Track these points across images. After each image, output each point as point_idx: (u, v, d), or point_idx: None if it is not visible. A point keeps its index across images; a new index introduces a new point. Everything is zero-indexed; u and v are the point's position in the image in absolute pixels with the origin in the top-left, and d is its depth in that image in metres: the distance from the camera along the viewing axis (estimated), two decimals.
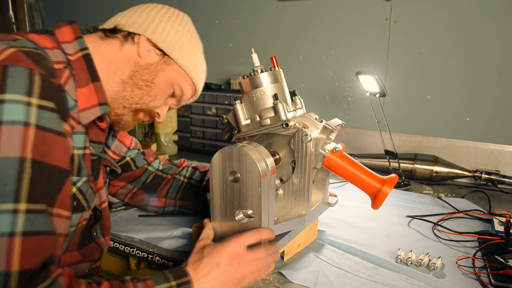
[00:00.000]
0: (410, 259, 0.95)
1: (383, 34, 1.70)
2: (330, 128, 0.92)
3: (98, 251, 0.93)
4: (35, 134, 0.64)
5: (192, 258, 0.80)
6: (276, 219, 0.92)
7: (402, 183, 1.54)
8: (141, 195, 1.19)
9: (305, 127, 0.92)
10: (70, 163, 0.74)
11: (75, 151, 0.79)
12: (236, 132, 1.01)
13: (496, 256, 0.93)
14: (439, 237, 1.10)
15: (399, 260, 0.96)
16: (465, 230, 1.12)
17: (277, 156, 0.96)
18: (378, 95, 1.48)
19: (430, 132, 1.68)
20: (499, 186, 1.51)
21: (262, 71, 0.95)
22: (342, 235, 1.10)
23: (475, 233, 1.09)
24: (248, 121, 0.98)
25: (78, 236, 0.85)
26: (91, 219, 0.89)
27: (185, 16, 0.94)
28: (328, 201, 1.08)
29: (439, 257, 0.95)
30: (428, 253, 0.97)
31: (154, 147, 1.78)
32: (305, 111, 1.03)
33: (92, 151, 0.85)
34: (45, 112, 0.66)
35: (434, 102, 1.67)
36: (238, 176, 0.83)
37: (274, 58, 0.98)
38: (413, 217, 1.23)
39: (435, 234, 1.12)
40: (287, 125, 0.90)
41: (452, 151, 1.63)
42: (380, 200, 0.89)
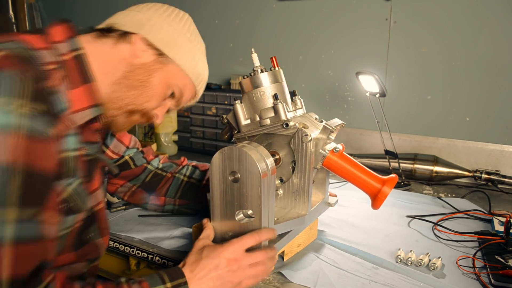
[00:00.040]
0: (410, 259, 0.95)
1: (383, 34, 1.70)
2: (330, 128, 0.92)
3: (95, 252, 0.91)
4: (21, 140, 0.62)
5: (190, 258, 0.80)
6: (276, 219, 0.92)
7: (402, 183, 1.54)
8: (140, 193, 1.18)
9: (305, 127, 0.92)
10: (58, 168, 0.72)
11: (67, 154, 0.77)
12: (236, 132, 1.01)
13: (496, 256, 0.93)
14: (439, 237, 1.10)
15: (399, 260, 0.96)
16: (465, 230, 1.12)
17: (277, 156, 0.96)
18: (378, 95, 1.48)
19: (430, 132, 1.68)
20: (499, 186, 1.51)
21: (262, 71, 0.95)
22: (342, 235, 1.10)
23: (475, 233, 1.09)
24: (248, 121, 0.98)
25: (73, 237, 0.84)
26: (87, 220, 0.87)
27: (185, 15, 0.90)
28: (328, 201, 1.08)
29: (439, 257, 0.95)
30: (428, 253, 0.97)
31: (154, 147, 1.78)
32: (305, 111, 1.03)
33: (86, 152, 0.83)
34: (31, 118, 0.64)
35: (434, 102, 1.67)
36: (238, 176, 0.83)
37: (274, 58, 0.98)
38: (413, 217, 1.23)
39: (435, 234, 1.12)
40: (287, 125, 0.90)
41: (452, 151, 1.63)
42: (380, 200, 0.89)
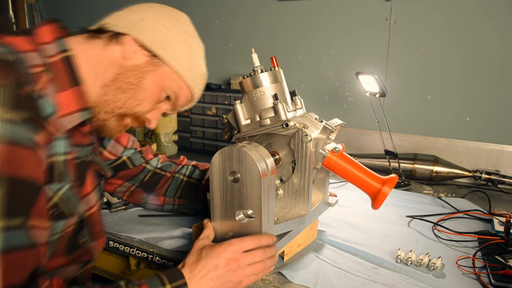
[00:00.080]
0: (410, 259, 0.95)
1: (383, 34, 1.70)
2: (330, 128, 0.92)
3: (88, 255, 0.90)
4: (4, 148, 0.61)
5: (189, 259, 0.80)
6: (276, 219, 0.92)
7: (402, 183, 1.54)
8: (139, 193, 1.18)
9: (305, 127, 0.92)
10: (46, 173, 0.71)
11: (56, 158, 0.75)
12: (236, 132, 1.01)
13: (496, 256, 0.93)
14: (439, 237, 1.10)
15: (399, 260, 0.96)
16: (465, 230, 1.12)
17: (277, 156, 0.95)
18: (378, 95, 1.48)
19: (430, 132, 1.68)
20: (499, 186, 1.51)
21: (262, 71, 0.95)
22: (342, 235, 1.10)
23: (475, 233, 1.09)
24: (248, 121, 0.98)
25: (65, 242, 0.82)
26: (78, 225, 0.85)
27: (182, 16, 0.87)
28: (328, 201, 1.08)
29: (439, 257, 0.95)
30: (428, 253, 0.97)
31: (154, 147, 1.78)
32: (305, 111, 1.03)
33: (76, 155, 0.81)
34: (12, 126, 0.62)
35: (434, 102, 1.67)
36: (238, 176, 0.83)
37: (274, 58, 0.98)
38: (413, 217, 1.23)
39: (435, 234, 1.12)
40: (287, 125, 0.90)
41: (452, 151, 1.63)
42: (380, 200, 0.89)
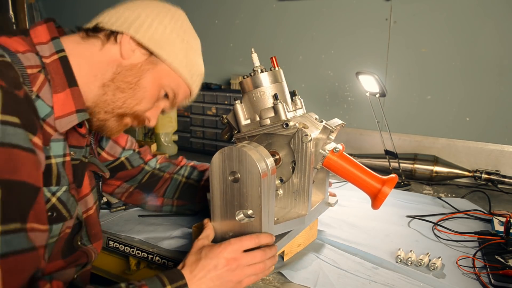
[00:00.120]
0: (410, 259, 0.95)
1: (383, 34, 1.70)
2: (330, 128, 0.92)
3: (85, 258, 0.89)
4: (1, 151, 0.60)
5: (189, 259, 0.80)
6: (276, 219, 0.92)
7: (402, 183, 1.54)
8: (138, 194, 1.18)
9: (305, 127, 0.92)
10: (43, 176, 0.71)
11: (53, 160, 0.75)
12: (236, 132, 1.01)
13: (496, 256, 0.93)
14: (439, 237, 1.10)
15: (399, 260, 0.96)
16: (465, 230, 1.12)
17: (277, 156, 0.95)
18: (378, 95, 1.48)
19: (430, 132, 1.68)
20: (499, 186, 1.51)
21: (262, 71, 0.95)
22: (342, 235, 1.10)
23: (475, 233, 1.09)
24: (248, 121, 0.98)
25: (62, 245, 0.82)
26: (75, 227, 0.85)
27: (177, 11, 0.86)
28: (328, 201, 1.08)
29: (439, 257, 0.95)
30: (428, 253, 0.97)
31: (154, 147, 1.78)
32: (305, 111, 1.03)
33: (73, 156, 0.81)
34: (9, 128, 0.62)
35: (434, 102, 1.67)
36: (238, 176, 0.83)
37: (274, 58, 0.98)
38: (413, 217, 1.23)
39: (435, 234, 1.12)
40: (287, 125, 0.90)
41: (452, 151, 1.63)
42: (380, 200, 0.89)
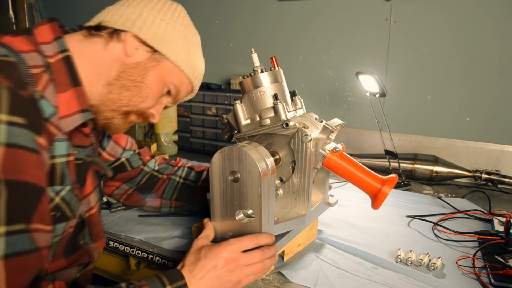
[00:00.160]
0: (410, 259, 0.95)
1: (383, 34, 1.70)
2: (330, 128, 0.92)
3: (87, 257, 0.89)
4: (5, 152, 0.60)
5: (188, 259, 0.80)
6: (276, 219, 0.92)
7: (402, 183, 1.54)
8: (136, 195, 1.18)
9: (305, 127, 0.92)
10: (47, 176, 0.71)
11: (57, 160, 0.74)
12: (236, 132, 1.01)
13: (496, 256, 0.93)
14: (439, 237, 1.10)
15: (399, 260, 0.96)
16: (465, 230, 1.12)
17: (277, 156, 0.95)
18: (378, 95, 1.48)
19: (430, 132, 1.68)
20: (499, 186, 1.51)
21: (262, 71, 0.95)
22: (342, 235, 1.10)
23: (475, 233, 1.09)
24: (248, 121, 0.98)
25: (64, 244, 0.82)
26: (78, 226, 0.85)
27: (178, 6, 0.86)
28: (328, 201, 1.08)
29: (439, 257, 0.95)
30: (428, 253, 0.97)
31: (154, 147, 1.78)
32: (305, 111, 1.03)
33: (77, 156, 0.81)
34: (15, 129, 0.62)
35: (434, 102, 1.67)
36: (238, 176, 0.83)
37: (274, 58, 0.98)
38: (413, 217, 1.23)
39: (435, 234, 1.12)
40: (287, 125, 0.90)
41: (452, 151, 1.63)
42: (380, 200, 0.89)
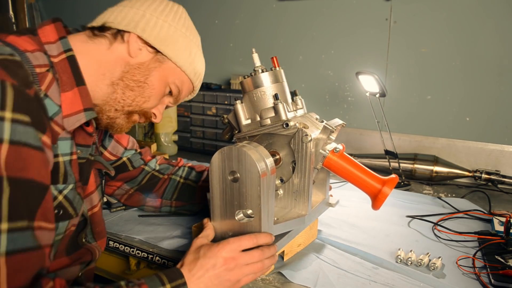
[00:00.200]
0: (410, 259, 0.95)
1: (383, 34, 1.70)
2: (331, 128, 0.92)
3: (89, 255, 0.90)
4: (10, 150, 0.60)
5: (188, 258, 0.80)
6: (276, 219, 0.92)
7: (402, 183, 1.54)
8: (137, 195, 1.18)
9: (305, 127, 0.92)
10: (51, 174, 0.71)
11: (60, 159, 0.75)
12: (236, 132, 1.01)
13: (496, 256, 0.93)
14: (439, 237, 1.10)
15: (399, 260, 0.96)
16: (465, 230, 1.12)
17: (277, 156, 0.95)
18: (378, 95, 1.48)
19: (430, 132, 1.68)
20: (499, 186, 1.51)
21: (262, 71, 0.95)
22: (342, 235, 1.10)
23: (475, 233, 1.09)
24: (249, 121, 0.98)
25: (67, 242, 0.82)
26: (80, 224, 0.86)
27: (179, 8, 0.88)
28: (329, 201, 1.08)
29: (439, 257, 0.95)
30: (428, 253, 0.97)
31: (154, 147, 1.78)
32: (305, 111, 1.03)
33: (80, 155, 0.82)
34: (19, 126, 0.62)
35: (434, 102, 1.67)
36: (238, 176, 0.83)
37: (275, 58, 0.98)
38: (413, 217, 1.23)
39: (435, 234, 1.12)
40: (287, 125, 0.90)
41: (452, 151, 1.63)
42: (381, 200, 0.89)
